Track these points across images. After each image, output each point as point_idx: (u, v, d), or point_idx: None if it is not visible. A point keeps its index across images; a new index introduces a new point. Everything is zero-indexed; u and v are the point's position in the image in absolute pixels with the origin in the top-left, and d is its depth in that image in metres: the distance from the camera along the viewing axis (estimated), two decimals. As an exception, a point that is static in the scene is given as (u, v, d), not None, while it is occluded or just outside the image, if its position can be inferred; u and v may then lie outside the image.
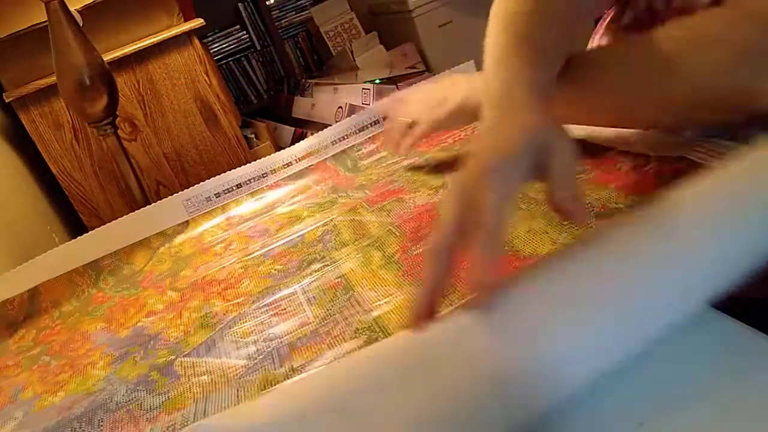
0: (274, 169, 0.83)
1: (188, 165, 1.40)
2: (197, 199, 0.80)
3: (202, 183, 0.81)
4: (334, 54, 2.60)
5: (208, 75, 1.38)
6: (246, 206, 0.79)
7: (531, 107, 0.40)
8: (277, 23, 2.70)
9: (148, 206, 0.82)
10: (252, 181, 0.83)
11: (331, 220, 0.65)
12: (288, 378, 0.42)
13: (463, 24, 2.30)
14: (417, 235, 0.54)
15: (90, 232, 0.79)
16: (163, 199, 0.81)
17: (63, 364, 0.55)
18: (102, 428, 0.44)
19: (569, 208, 0.36)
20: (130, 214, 0.80)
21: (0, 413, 0.50)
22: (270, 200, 0.78)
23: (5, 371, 0.57)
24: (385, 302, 0.46)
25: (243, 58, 2.68)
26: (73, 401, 0.49)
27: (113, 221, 0.79)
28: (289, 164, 0.84)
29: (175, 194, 0.81)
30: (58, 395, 0.50)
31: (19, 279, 0.72)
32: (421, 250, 0.52)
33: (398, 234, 0.56)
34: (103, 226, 0.79)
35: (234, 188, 0.81)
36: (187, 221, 0.77)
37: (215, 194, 0.80)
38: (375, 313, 0.45)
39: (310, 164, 0.83)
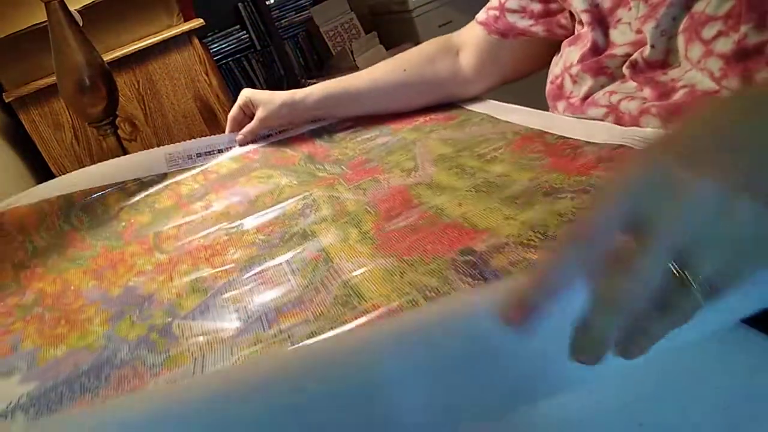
0: (255, 140, 0.90)
1: (188, 165, 1.40)
2: (180, 155, 0.84)
3: (185, 141, 0.86)
4: (334, 54, 2.61)
5: (208, 75, 1.39)
6: (222, 162, 0.85)
7: None
8: (277, 23, 2.71)
9: (129, 155, 0.86)
10: (232, 148, 0.89)
11: (311, 194, 0.71)
12: (276, 338, 0.47)
13: (463, 24, 2.29)
14: (390, 215, 0.61)
15: (66, 174, 0.80)
16: (145, 151, 0.84)
17: (58, 318, 0.59)
18: (109, 382, 0.48)
19: None
20: (111, 160, 0.83)
21: (3, 362, 0.54)
22: (246, 161, 0.84)
23: None
24: (360, 273, 0.52)
25: (243, 58, 2.69)
26: (77, 358, 0.53)
27: (92, 165, 0.82)
28: (268, 136, 0.91)
29: (158, 147, 0.85)
30: (59, 348, 0.55)
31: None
32: (393, 227, 0.58)
33: (373, 213, 0.63)
34: (80, 169, 0.80)
35: (216, 152, 0.87)
36: (165, 174, 0.82)
37: (197, 154, 0.85)
38: (351, 282, 0.51)
39: (288, 136, 0.90)
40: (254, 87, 2.70)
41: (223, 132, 0.93)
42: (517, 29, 0.78)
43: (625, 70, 0.62)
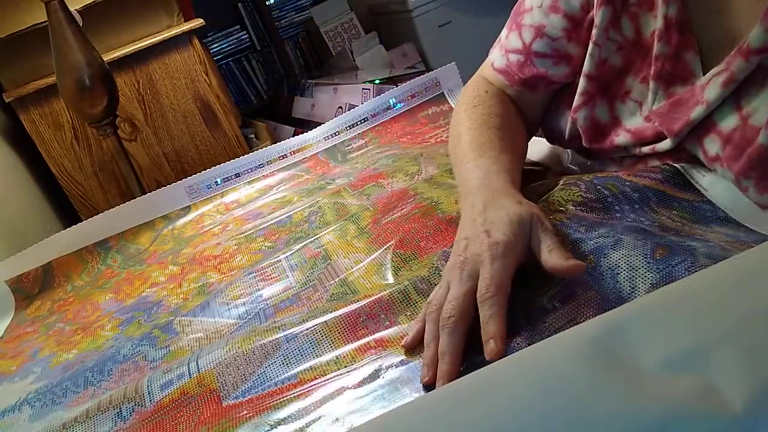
0: (270, 161, 0.91)
1: (188, 165, 1.41)
2: (199, 186, 0.88)
3: (203, 171, 0.88)
4: (334, 54, 2.62)
5: (208, 75, 1.39)
6: (242, 192, 0.87)
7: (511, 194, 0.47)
8: (277, 23, 2.72)
9: (153, 192, 0.88)
10: (250, 170, 0.91)
11: (317, 202, 0.73)
12: (268, 328, 0.48)
13: (463, 24, 2.31)
14: (387, 208, 0.62)
15: (99, 214, 0.85)
16: (168, 186, 0.88)
17: (76, 329, 0.62)
18: (111, 376, 0.51)
19: (567, 269, 0.40)
20: (137, 198, 0.87)
21: (22, 369, 0.58)
22: (264, 187, 0.87)
23: (25, 336, 0.65)
24: (356, 269, 0.53)
25: (243, 58, 2.69)
26: (85, 357, 0.56)
27: (121, 205, 0.85)
28: (284, 156, 0.92)
29: (178, 181, 0.88)
30: (71, 353, 0.58)
31: (32, 256, 0.79)
32: (387, 219, 0.59)
33: (372, 210, 0.64)
34: (111, 210, 0.85)
35: (233, 177, 0.89)
36: (188, 206, 0.86)
37: (215, 182, 0.88)
38: (348, 279, 0.52)
39: (304, 157, 0.91)
40: (254, 87, 2.72)
41: (223, 132, 0.94)
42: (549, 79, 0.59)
43: (635, 151, 0.54)
